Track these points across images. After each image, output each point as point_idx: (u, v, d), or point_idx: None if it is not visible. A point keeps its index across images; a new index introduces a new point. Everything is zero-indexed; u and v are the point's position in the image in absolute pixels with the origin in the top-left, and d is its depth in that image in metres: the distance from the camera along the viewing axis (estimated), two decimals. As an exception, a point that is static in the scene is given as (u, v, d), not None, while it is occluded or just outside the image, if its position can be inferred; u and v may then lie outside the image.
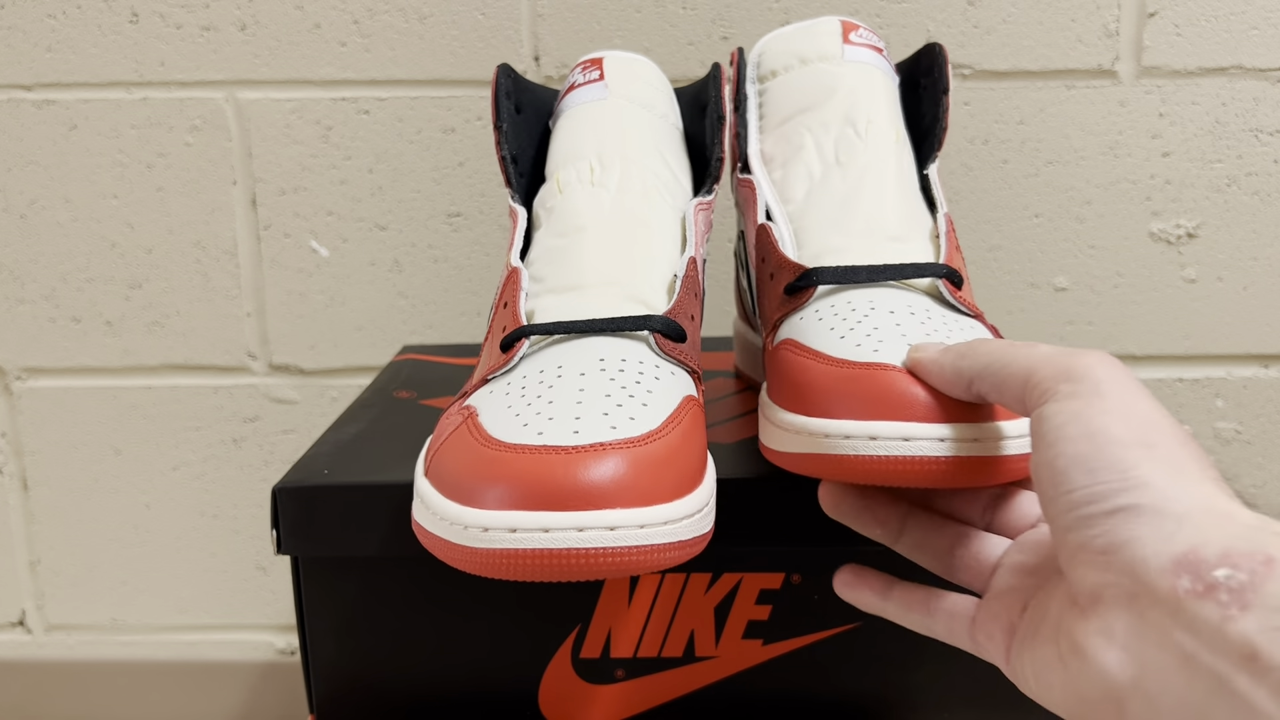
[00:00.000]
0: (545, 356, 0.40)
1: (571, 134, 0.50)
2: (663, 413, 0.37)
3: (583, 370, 0.38)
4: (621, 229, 0.46)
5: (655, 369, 0.40)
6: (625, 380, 0.38)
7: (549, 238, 0.46)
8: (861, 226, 0.47)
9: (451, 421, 0.39)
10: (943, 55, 0.53)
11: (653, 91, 0.53)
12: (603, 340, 0.41)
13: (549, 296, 0.43)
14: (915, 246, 0.47)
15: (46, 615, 0.86)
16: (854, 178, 0.49)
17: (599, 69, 0.52)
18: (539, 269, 0.45)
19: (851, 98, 0.51)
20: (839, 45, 0.53)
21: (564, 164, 0.49)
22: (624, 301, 0.43)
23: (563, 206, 0.47)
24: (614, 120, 0.50)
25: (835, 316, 0.43)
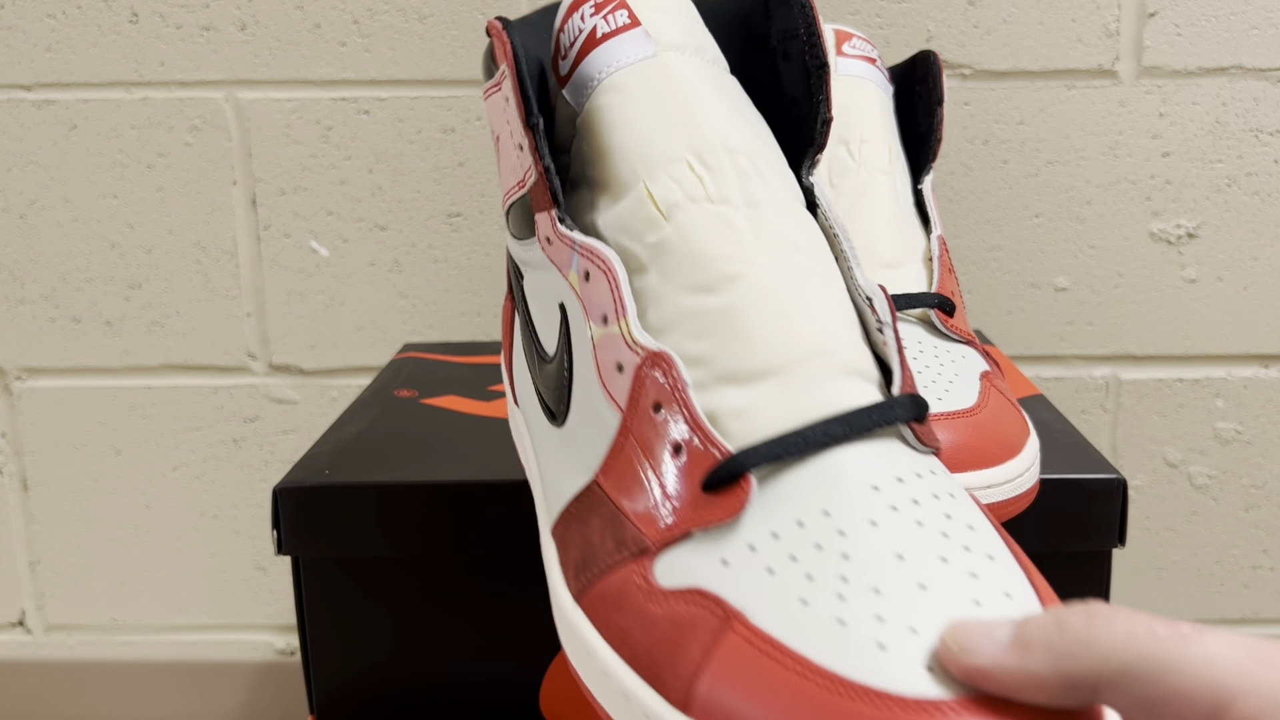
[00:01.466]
0: (784, 496, 0.28)
1: (640, 122, 0.34)
2: (1012, 564, 0.27)
3: (872, 517, 0.27)
4: (786, 268, 0.32)
5: (947, 483, 0.30)
6: (930, 514, 0.28)
7: (678, 293, 0.32)
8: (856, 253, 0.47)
9: (679, 617, 0.27)
10: (937, 65, 0.53)
11: (693, 26, 0.37)
12: (852, 453, 0.29)
13: (727, 390, 0.30)
14: (908, 271, 0.48)
15: (46, 615, 0.86)
16: (846, 201, 0.49)
17: (624, 6, 0.36)
18: (681, 344, 0.31)
19: (844, 116, 0.51)
20: (832, 57, 0.53)
21: (648, 170, 0.34)
22: (843, 380, 0.31)
23: (683, 243, 0.32)
24: (686, 93, 0.35)
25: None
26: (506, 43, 0.35)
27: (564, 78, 0.36)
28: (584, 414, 0.33)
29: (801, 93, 0.36)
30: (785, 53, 0.37)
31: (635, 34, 0.35)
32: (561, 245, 0.34)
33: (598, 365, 0.32)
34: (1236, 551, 0.81)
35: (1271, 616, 0.82)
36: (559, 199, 0.34)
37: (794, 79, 0.37)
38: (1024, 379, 0.60)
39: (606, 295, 0.32)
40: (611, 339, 0.32)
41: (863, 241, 0.48)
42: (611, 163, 0.34)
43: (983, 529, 0.28)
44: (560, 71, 0.37)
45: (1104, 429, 0.80)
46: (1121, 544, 0.48)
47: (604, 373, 0.32)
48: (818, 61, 0.36)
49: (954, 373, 0.43)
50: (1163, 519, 0.81)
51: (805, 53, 0.36)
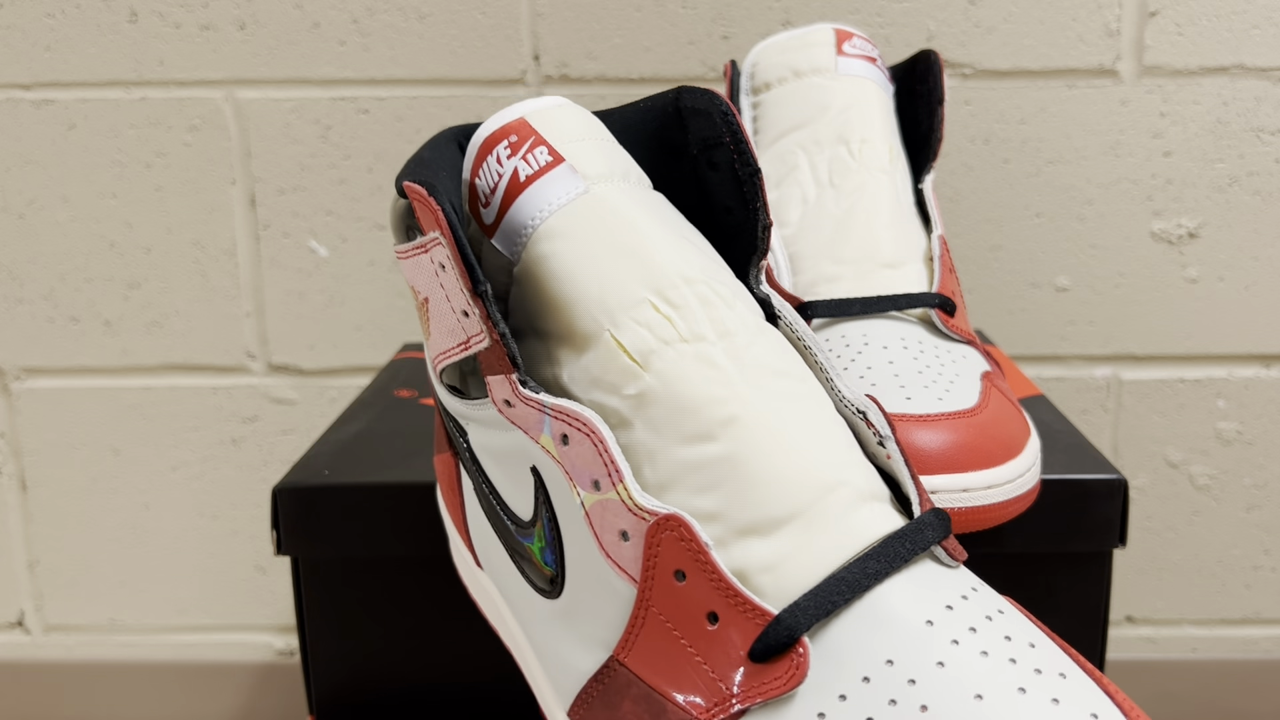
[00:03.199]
0: (840, 652, 0.27)
1: (590, 268, 0.32)
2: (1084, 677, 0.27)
3: (938, 658, 0.26)
4: (777, 398, 0.31)
5: (992, 600, 0.29)
6: (992, 641, 0.27)
7: (673, 446, 0.30)
8: (855, 253, 0.47)
9: None
10: (937, 64, 0.53)
11: (612, 150, 0.35)
12: (894, 589, 0.28)
13: (750, 543, 0.29)
14: (909, 271, 0.48)
15: (45, 616, 0.85)
16: (847, 201, 0.49)
17: (542, 143, 0.34)
18: (688, 501, 0.29)
19: (844, 115, 0.51)
20: (832, 57, 0.53)
21: (611, 318, 0.31)
22: (863, 510, 0.30)
23: (665, 390, 0.30)
24: (628, 226, 0.33)
25: (830, 353, 0.43)
26: (438, 210, 0.31)
27: (490, 227, 0.34)
28: (585, 586, 0.31)
29: (736, 201, 0.35)
30: (711, 162, 0.35)
31: (561, 171, 0.33)
32: (528, 409, 0.31)
33: (596, 534, 0.30)
34: (1238, 552, 0.81)
35: (1273, 617, 0.82)
36: (518, 363, 0.31)
37: (725, 188, 0.35)
38: (1025, 379, 0.60)
39: (594, 459, 0.30)
40: (609, 505, 0.29)
41: (863, 241, 0.48)
42: (567, 314, 0.32)
43: (1043, 644, 0.27)
44: (485, 220, 0.34)
45: (1105, 429, 0.80)
46: (1122, 544, 0.48)
47: (604, 541, 0.30)
48: (750, 169, 0.34)
49: (955, 373, 0.43)
50: (1164, 519, 0.81)
51: (735, 161, 0.34)
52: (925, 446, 0.39)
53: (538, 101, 0.35)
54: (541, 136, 0.33)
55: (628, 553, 0.29)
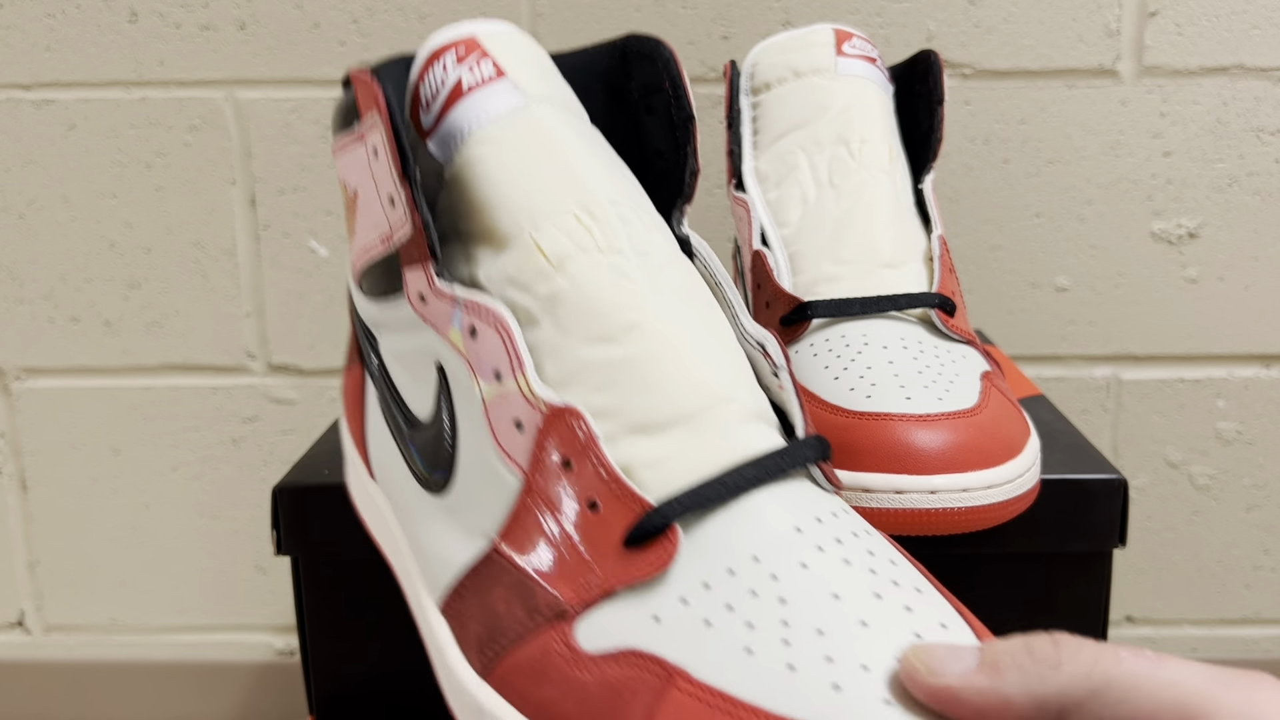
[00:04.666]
0: (709, 545, 0.28)
1: (519, 175, 0.34)
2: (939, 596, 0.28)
3: (801, 559, 0.27)
4: (681, 316, 0.32)
5: (860, 522, 0.30)
6: (854, 552, 0.28)
7: (576, 345, 0.31)
8: (855, 253, 0.47)
9: (613, 681, 0.26)
10: (937, 64, 0.53)
11: (555, 79, 0.37)
12: (769, 497, 0.29)
13: (638, 441, 0.30)
14: (909, 271, 0.48)
15: (45, 616, 0.85)
16: (847, 201, 0.49)
17: (487, 57, 0.35)
18: (585, 396, 0.31)
19: (844, 115, 0.51)
20: (832, 57, 0.53)
21: (533, 221, 0.33)
22: (749, 425, 0.31)
23: (575, 292, 0.32)
24: (562, 145, 0.34)
25: (830, 353, 0.43)
26: (378, 91, 0.33)
27: (428, 130, 0.35)
28: (474, 478, 0.32)
29: (668, 146, 0.36)
30: (649, 107, 0.36)
31: (502, 85, 0.34)
32: (440, 301, 0.32)
33: (490, 424, 0.31)
34: (1237, 552, 0.81)
35: (1272, 617, 0.82)
36: (436, 252, 0.33)
37: (659, 133, 0.36)
38: (1025, 379, 0.60)
39: (499, 350, 0.31)
40: (507, 396, 0.31)
41: (863, 241, 0.48)
42: (491, 215, 0.33)
43: (903, 563, 0.29)
44: (423, 124, 0.35)
45: (1105, 429, 0.80)
46: (1122, 544, 0.48)
47: (499, 432, 0.31)
48: (684, 114, 0.36)
49: (954, 373, 0.43)
50: (1164, 519, 0.81)
51: (671, 106, 0.36)
52: (925, 446, 0.39)
53: (489, 24, 0.37)
54: (488, 52, 0.35)
55: (520, 443, 0.30)
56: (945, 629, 0.26)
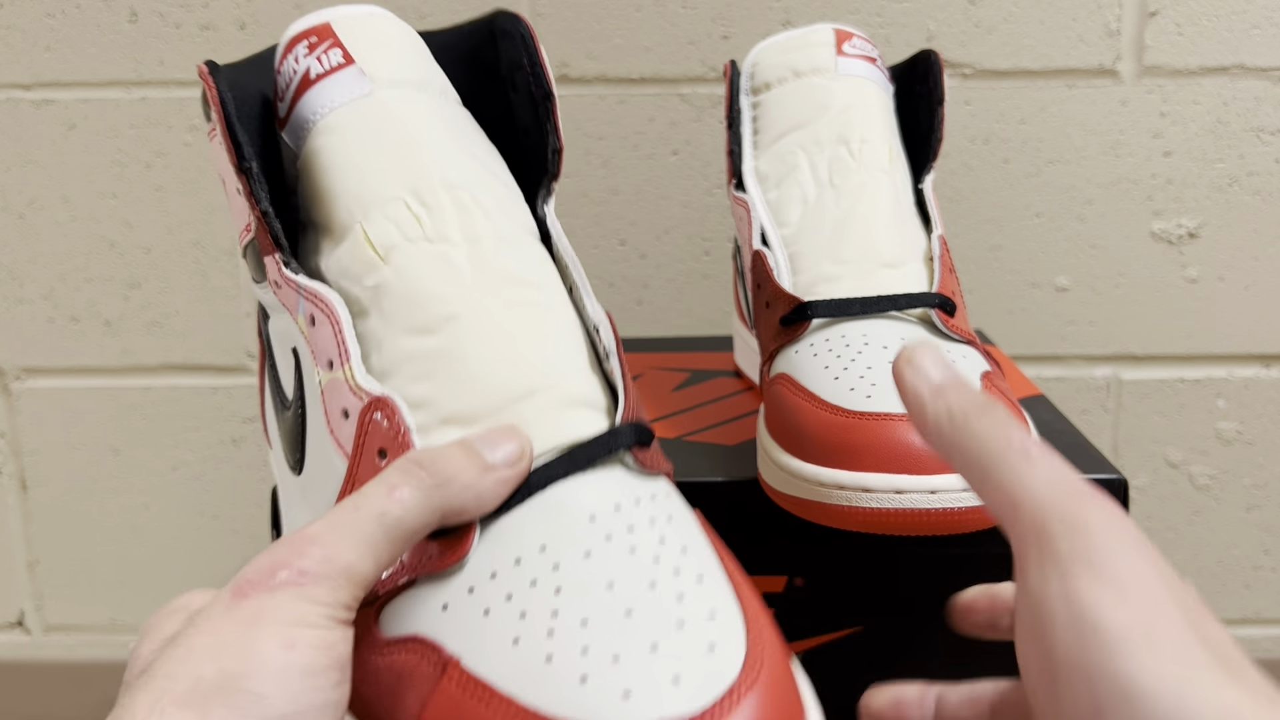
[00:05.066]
0: (506, 536, 0.28)
1: (355, 163, 0.34)
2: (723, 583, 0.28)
3: (587, 548, 0.27)
4: (507, 303, 0.32)
5: (667, 505, 0.30)
6: (644, 540, 0.28)
7: (398, 336, 0.32)
8: (855, 253, 0.47)
9: (398, 667, 0.27)
10: (938, 64, 0.53)
11: (415, 60, 0.37)
12: (573, 486, 0.29)
13: (450, 432, 0.30)
14: (909, 271, 0.48)
15: (45, 616, 0.85)
16: (847, 201, 0.49)
17: (338, 45, 0.35)
18: (403, 387, 0.31)
19: (845, 115, 0.51)
20: (832, 57, 0.53)
21: (364, 211, 0.33)
22: (567, 412, 0.31)
23: (399, 284, 0.32)
24: (404, 129, 0.34)
25: (830, 353, 0.44)
26: (213, 87, 0.33)
27: (283, 120, 0.36)
28: (317, 462, 0.33)
29: (531, 123, 0.36)
30: (513, 83, 0.37)
31: (349, 73, 0.35)
32: (289, 289, 0.33)
33: (325, 411, 0.32)
34: (1238, 552, 0.81)
35: (1273, 617, 0.82)
36: (281, 243, 0.33)
37: (523, 110, 0.37)
38: (1025, 379, 0.60)
39: (330, 340, 0.32)
40: (337, 384, 0.31)
41: (864, 241, 0.48)
42: (330, 205, 0.34)
43: (696, 550, 0.28)
44: (279, 114, 0.36)
45: (1105, 429, 0.80)
46: (1123, 545, 0.48)
47: (331, 419, 0.32)
48: (543, 91, 0.36)
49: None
50: (1164, 519, 0.81)
51: (530, 83, 0.36)
52: (926, 446, 0.39)
53: (350, 8, 0.37)
54: (339, 40, 0.35)
55: (346, 430, 0.31)
56: (712, 618, 0.26)
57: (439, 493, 0.27)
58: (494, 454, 0.28)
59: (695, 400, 0.56)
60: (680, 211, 0.77)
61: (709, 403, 0.56)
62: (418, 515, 0.27)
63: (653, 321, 0.79)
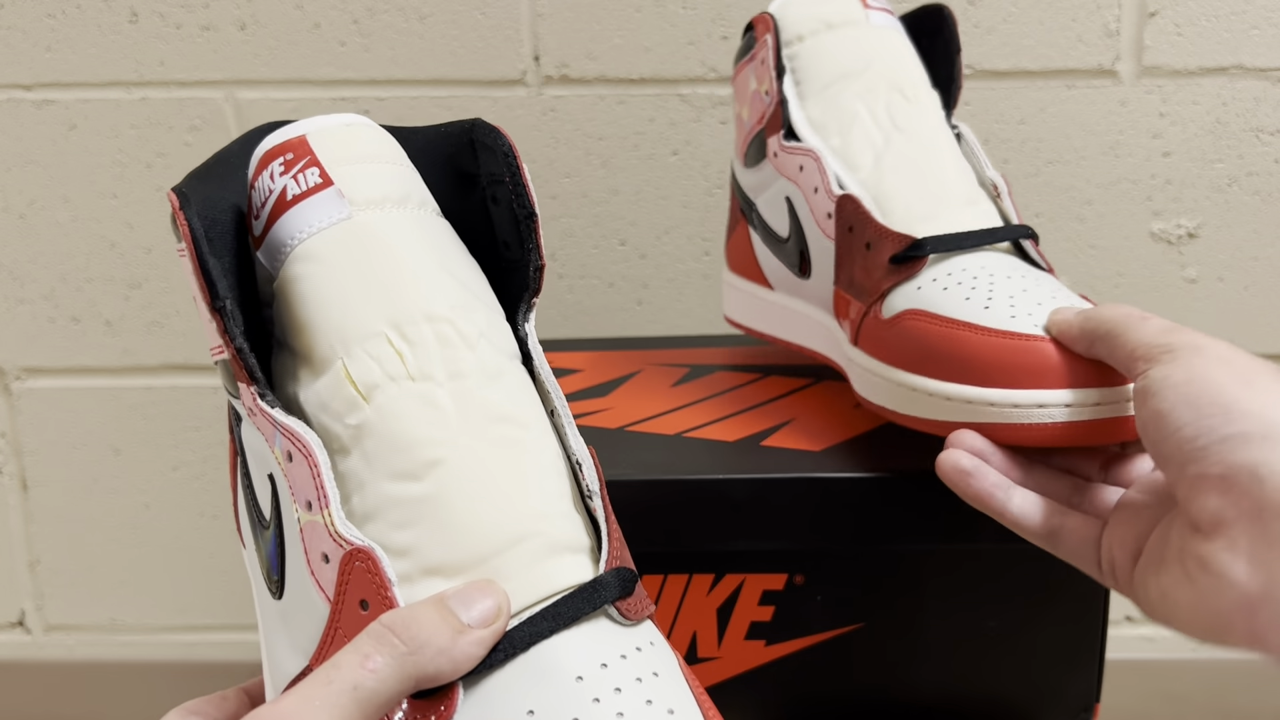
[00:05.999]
0: (494, 699, 0.29)
1: (335, 295, 0.33)
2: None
3: (575, 714, 0.28)
4: (493, 444, 0.32)
5: (653, 660, 0.31)
6: (631, 702, 0.29)
7: (380, 480, 0.31)
8: (939, 192, 0.50)
9: None
10: (952, 18, 0.55)
11: (395, 173, 0.35)
12: (559, 643, 0.29)
13: (434, 583, 0.30)
14: (987, 208, 0.50)
15: (46, 616, 0.86)
16: (919, 144, 0.51)
17: (315, 164, 0.34)
18: (385, 534, 0.31)
19: (893, 63, 0.53)
20: (860, 9, 0.55)
21: (345, 347, 0.32)
22: (553, 561, 0.31)
23: (382, 426, 0.31)
24: (384, 257, 0.33)
25: (961, 286, 0.45)
26: (184, 222, 0.32)
27: (258, 239, 0.35)
28: (296, 595, 0.32)
29: (513, 239, 0.35)
30: (494, 197, 0.36)
31: (327, 195, 0.33)
32: (264, 420, 0.32)
33: (305, 551, 0.31)
34: (1237, 551, 0.81)
35: (1272, 616, 0.82)
36: (256, 376, 0.33)
37: (505, 225, 0.36)
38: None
39: (308, 481, 0.31)
40: (316, 527, 0.31)
41: (942, 181, 0.50)
42: (309, 337, 0.33)
43: (683, 711, 0.29)
44: (254, 232, 0.35)
45: (1104, 429, 0.80)
46: (1123, 543, 0.48)
47: (311, 560, 0.31)
48: (525, 210, 0.35)
49: (1070, 299, 0.45)
50: (1163, 519, 0.81)
51: (513, 200, 0.35)
52: None
53: (326, 119, 0.36)
54: (316, 158, 0.34)
55: (327, 575, 0.30)
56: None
57: (413, 660, 0.27)
58: (469, 613, 0.28)
59: (695, 395, 0.56)
60: (680, 211, 0.78)
61: (709, 398, 0.56)
62: (391, 685, 0.27)
63: (652, 321, 0.79)
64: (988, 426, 0.42)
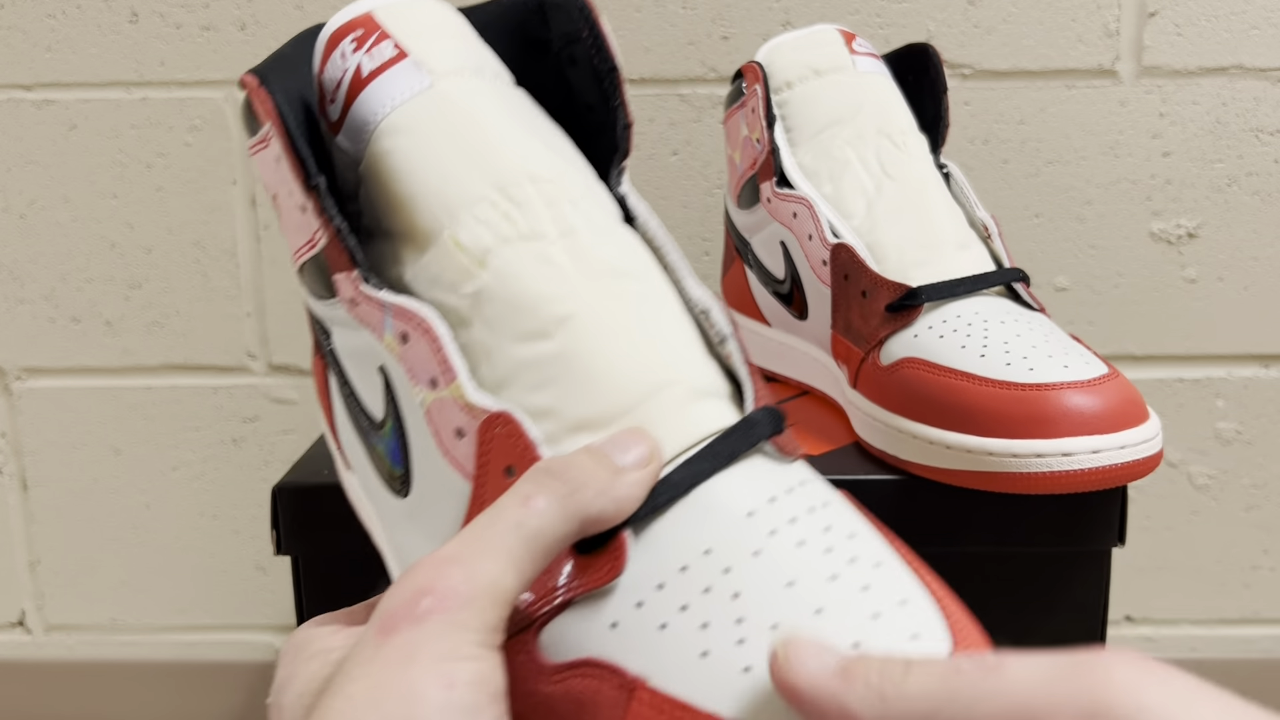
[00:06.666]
0: (662, 543, 0.27)
1: (431, 164, 0.32)
2: (901, 566, 0.27)
3: (754, 547, 0.26)
4: (616, 297, 0.30)
5: (819, 492, 0.29)
6: (810, 531, 0.27)
7: (509, 344, 0.30)
8: (932, 238, 0.50)
9: (576, 693, 0.26)
10: (937, 57, 0.56)
11: (467, 43, 0.34)
12: (721, 483, 0.28)
13: (581, 439, 0.29)
14: (979, 252, 0.51)
15: (46, 616, 0.86)
16: (910, 190, 0.51)
17: (386, 37, 0.33)
18: (522, 397, 0.29)
19: (880, 110, 0.54)
20: (847, 55, 0.55)
21: (450, 215, 0.31)
22: (697, 405, 0.30)
23: (501, 289, 0.30)
24: (474, 122, 0.32)
25: (957, 334, 0.46)
26: (268, 100, 0.31)
27: (335, 123, 0.33)
28: (429, 483, 0.31)
29: (597, 99, 0.34)
30: (571, 58, 0.34)
31: (405, 66, 0.32)
32: (370, 307, 0.31)
33: (435, 431, 0.30)
34: (1236, 551, 0.81)
35: (1272, 617, 0.82)
36: (358, 259, 0.31)
37: (585, 85, 0.34)
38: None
39: (430, 358, 0.30)
40: (444, 404, 0.29)
41: (933, 227, 0.50)
42: (409, 212, 0.31)
43: (864, 534, 0.28)
44: (330, 117, 0.33)
45: (1104, 429, 0.80)
46: (1121, 543, 0.48)
47: (443, 439, 0.30)
48: (608, 65, 0.33)
49: (1063, 340, 0.46)
50: (1163, 519, 0.81)
51: (593, 57, 0.33)
52: (1106, 407, 0.42)
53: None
54: (386, 31, 0.33)
55: (463, 450, 0.29)
56: (905, 604, 0.25)
57: (574, 500, 0.26)
58: (624, 457, 0.27)
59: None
60: (680, 211, 0.78)
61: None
62: (556, 524, 0.26)
63: (653, 321, 0.79)
64: (987, 475, 0.43)
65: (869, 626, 0.24)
